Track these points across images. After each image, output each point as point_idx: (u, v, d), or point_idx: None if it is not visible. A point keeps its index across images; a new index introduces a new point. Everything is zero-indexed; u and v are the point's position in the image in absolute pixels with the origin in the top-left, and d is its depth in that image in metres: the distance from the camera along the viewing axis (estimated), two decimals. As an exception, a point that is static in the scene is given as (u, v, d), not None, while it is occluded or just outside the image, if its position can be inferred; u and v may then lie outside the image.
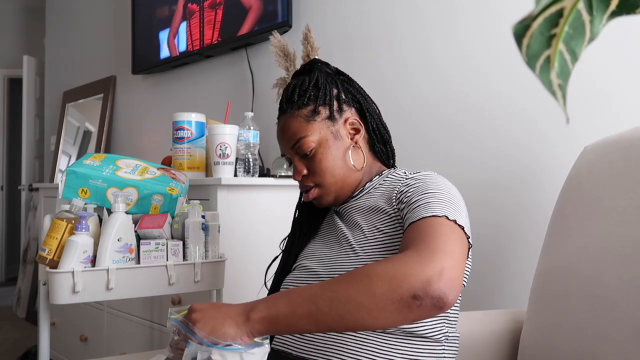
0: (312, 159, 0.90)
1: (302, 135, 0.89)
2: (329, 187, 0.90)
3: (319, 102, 0.90)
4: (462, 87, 1.43)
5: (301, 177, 0.92)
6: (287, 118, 0.92)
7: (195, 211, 1.16)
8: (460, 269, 0.66)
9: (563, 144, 1.23)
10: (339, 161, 0.90)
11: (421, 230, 0.71)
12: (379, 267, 0.66)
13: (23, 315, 3.45)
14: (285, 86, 0.96)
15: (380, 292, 0.63)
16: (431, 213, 0.73)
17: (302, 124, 0.90)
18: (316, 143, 0.89)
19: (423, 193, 0.79)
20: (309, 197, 0.92)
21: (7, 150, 4.93)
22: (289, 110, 0.91)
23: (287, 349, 0.84)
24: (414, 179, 0.84)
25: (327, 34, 1.77)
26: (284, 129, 0.92)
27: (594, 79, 1.18)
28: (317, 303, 0.65)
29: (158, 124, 2.59)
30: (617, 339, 0.79)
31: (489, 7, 1.38)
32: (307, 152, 0.89)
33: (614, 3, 0.31)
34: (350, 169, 0.91)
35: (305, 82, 0.92)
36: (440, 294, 0.62)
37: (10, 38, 4.83)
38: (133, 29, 2.60)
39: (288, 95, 0.92)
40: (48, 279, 1.05)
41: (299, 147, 0.90)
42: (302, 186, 0.93)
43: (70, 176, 1.15)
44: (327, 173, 0.89)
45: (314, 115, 0.90)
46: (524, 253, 1.28)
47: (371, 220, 0.86)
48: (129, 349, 1.72)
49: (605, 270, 0.83)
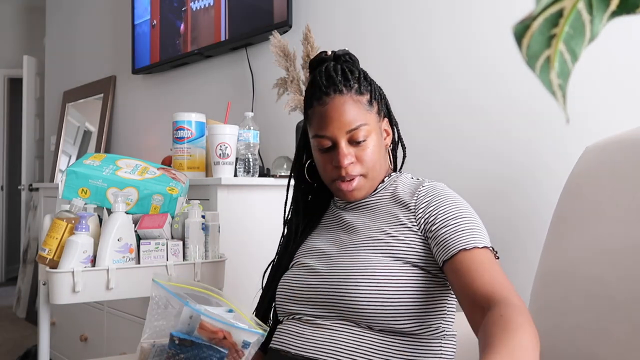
0: (363, 148, 0.87)
1: (363, 122, 0.86)
2: (370, 179, 0.89)
3: (374, 95, 0.89)
4: (464, 87, 1.43)
5: (345, 165, 0.87)
6: (345, 99, 0.86)
7: (195, 211, 1.16)
8: None
9: (564, 144, 1.22)
10: (382, 158, 0.91)
11: (488, 267, 0.75)
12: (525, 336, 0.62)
13: (23, 315, 3.45)
14: (324, 67, 0.90)
15: None
16: (482, 244, 0.78)
17: (362, 110, 0.87)
18: (372, 133, 0.88)
19: (458, 217, 0.81)
20: (350, 186, 0.88)
21: (7, 150, 4.93)
22: (347, 92, 0.86)
23: (286, 347, 0.84)
24: (432, 193, 0.85)
25: (327, 34, 1.77)
26: (342, 111, 0.86)
27: (594, 79, 1.18)
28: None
29: (158, 124, 2.59)
30: (618, 340, 0.79)
31: (490, 6, 1.38)
32: (363, 140, 0.87)
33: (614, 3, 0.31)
34: (385, 167, 0.92)
35: (355, 69, 0.89)
36: None
37: (10, 38, 4.83)
38: (133, 29, 2.60)
39: (340, 75, 0.87)
40: (48, 279, 1.05)
41: (356, 132, 0.86)
42: (347, 174, 0.87)
43: (70, 176, 1.15)
44: (376, 165, 0.89)
45: (370, 106, 0.89)
46: (524, 253, 1.28)
47: (379, 221, 0.87)
48: (129, 349, 1.72)
49: (606, 271, 0.83)
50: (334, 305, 0.82)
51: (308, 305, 0.85)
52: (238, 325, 0.66)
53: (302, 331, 0.84)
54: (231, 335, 0.66)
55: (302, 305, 0.86)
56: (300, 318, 0.86)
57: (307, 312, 0.85)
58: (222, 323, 0.66)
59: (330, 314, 0.82)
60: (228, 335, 0.67)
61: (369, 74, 0.92)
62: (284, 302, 0.89)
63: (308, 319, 0.85)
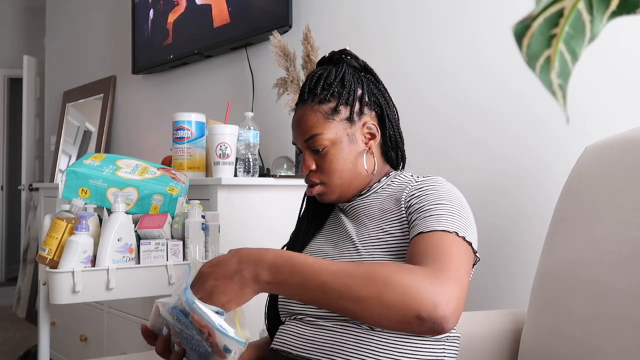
0: (323, 157, 0.89)
1: (317, 132, 0.88)
2: (334, 187, 0.90)
3: (341, 101, 0.89)
4: (465, 86, 1.43)
5: (308, 172, 0.91)
6: (306, 110, 0.90)
7: (195, 211, 1.16)
8: (464, 297, 0.68)
9: (564, 144, 1.22)
10: (349, 164, 0.89)
11: (433, 245, 0.73)
12: (396, 275, 0.66)
13: (23, 315, 3.45)
14: (309, 74, 0.95)
15: (389, 302, 0.64)
16: (443, 227, 0.75)
17: (320, 120, 0.89)
18: (330, 142, 0.88)
19: (435, 203, 0.80)
20: (312, 192, 0.92)
21: (7, 150, 4.93)
22: (310, 102, 0.90)
23: (287, 348, 0.84)
24: (424, 185, 0.85)
25: (327, 34, 1.77)
26: (301, 121, 0.91)
27: (594, 79, 1.18)
28: (326, 292, 0.66)
29: (158, 124, 2.59)
30: (618, 340, 0.79)
31: (490, 6, 1.38)
32: (320, 149, 0.89)
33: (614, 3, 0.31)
34: (358, 173, 0.91)
35: (332, 74, 0.91)
36: (443, 321, 0.64)
37: (10, 38, 4.83)
38: (133, 29, 2.60)
39: (311, 86, 0.91)
40: (48, 279, 1.05)
41: (312, 142, 0.89)
42: (307, 180, 0.93)
43: (70, 176, 1.15)
44: (335, 174, 0.89)
45: (334, 114, 0.89)
46: (524, 253, 1.28)
47: (377, 220, 0.87)
48: (129, 349, 1.72)
49: (605, 271, 0.83)
50: None
51: (310, 305, 0.85)
52: (219, 328, 0.66)
53: (303, 332, 0.84)
54: (214, 336, 0.67)
55: (304, 305, 0.86)
56: (302, 319, 0.86)
57: (308, 312, 0.85)
58: (206, 321, 0.66)
59: (332, 315, 0.82)
60: (212, 335, 0.67)
61: (354, 73, 0.92)
62: (286, 302, 0.90)
63: (310, 319, 0.85)
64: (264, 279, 0.69)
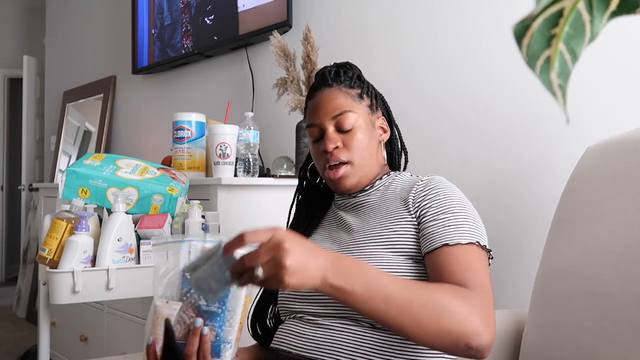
0: (351, 135, 0.89)
1: (349, 109, 0.89)
2: (358, 168, 0.89)
3: (364, 90, 0.93)
4: (467, 86, 1.43)
5: (334, 148, 0.88)
6: (333, 90, 0.91)
7: (195, 211, 1.16)
8: None
9: (565, 145, 1.22)
10: (372, 149, 0.92)
11: (466, 264, 0.76)
12: (454, 302, 0.69)
13: (23, 315, 3.45)
14: (322, 67, 0.96)
15: (445, 328, 0.67)
16: (467, 240, 0.78)
17: (349, 100, 0.90)
18: (359, 121, 0.90)
19: (449, 208, 0.82)
20: (337, 173, 0.88)
21: (7, 150, 4.93)
22: (336, 85, 0.91)
23: (287, 347, 0.84)
24: (429, 185, 0.86)
25: (327, 34, 1.77)
26: (328, 99, 0.90)
27: (594, 79, 1.18)
28: (389, 305, 0.67)
29: (158, 124, 2.59)
30: (619, 340, 0.79)
31: (491, 6, 1.38)
32: (349, 127, 0.89)
33: (614, 3, 0.30)
34: (376, 160, 0.92)
35: (349, 70, 0.94)
36: (486, 350, 0.69)
37: (10, 38, 4.83)
38: (133, 29, 2.60)
39: (332, 74, 0.92)
40: (48, 279, 1.05)
41: (342, 119, 0.89)
42: (332, 159, 0.88)
43: (70, 176, 1.15)
44: (363, 152, 0.89)
45: (360, 99, 0.92)
46: (526, 253, 1.28)
47: (381, 218, 0.87)
48: (129, 349, 1.72)
49: (607, 271, 0.83)
50: (335, 303, 0.82)
51: (310, 303, 0.85)
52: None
53: (303, 331, 0.84)
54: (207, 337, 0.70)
55: (304, 303, 0.86)
56: (302, 317, 0.86)
57: (308, 311, 0.85)
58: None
59: (331, 312, 0.82)
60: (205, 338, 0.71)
61: (367, 80, 0.96)
62: (286, 300, 0.90)
63: (309, 318, 0.85)
64: (330, 282, 0.65)
